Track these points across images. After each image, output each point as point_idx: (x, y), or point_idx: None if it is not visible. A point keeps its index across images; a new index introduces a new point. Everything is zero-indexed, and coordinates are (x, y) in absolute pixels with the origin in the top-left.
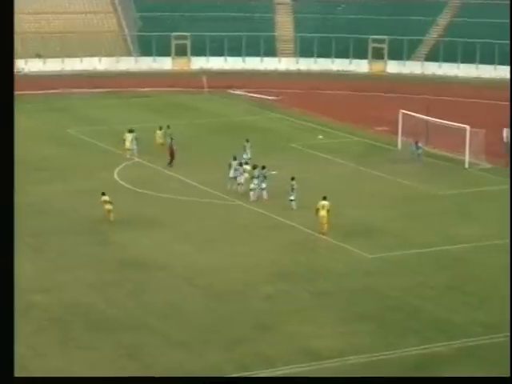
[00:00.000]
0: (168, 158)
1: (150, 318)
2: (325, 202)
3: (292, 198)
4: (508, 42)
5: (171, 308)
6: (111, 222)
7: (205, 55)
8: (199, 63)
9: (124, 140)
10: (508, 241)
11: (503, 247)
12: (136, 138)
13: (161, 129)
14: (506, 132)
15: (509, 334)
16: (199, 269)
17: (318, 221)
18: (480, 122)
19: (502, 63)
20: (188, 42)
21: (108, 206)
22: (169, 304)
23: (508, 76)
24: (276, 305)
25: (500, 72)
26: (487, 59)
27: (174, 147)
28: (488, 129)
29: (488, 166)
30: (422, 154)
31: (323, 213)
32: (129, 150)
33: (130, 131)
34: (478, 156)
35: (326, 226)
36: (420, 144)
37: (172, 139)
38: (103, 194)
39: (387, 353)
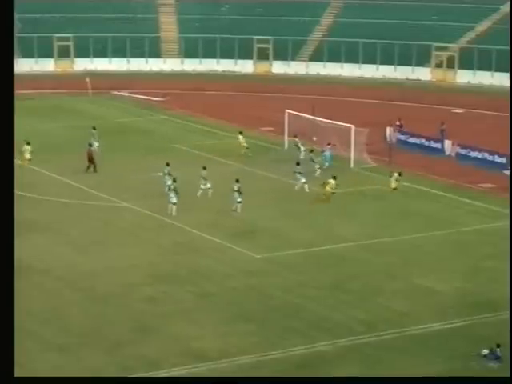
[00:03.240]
0: (87, 163)
1: (30, 323)
2: (332, 181)
3: (174, 200)
4: (389, 41)
5: (52, 312)
6: None
7: (88, 57)
8: (83, 65)
9: (22, 152)
10: (389, 239)
11: (386, 246)
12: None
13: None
14: (388, 131)
15: (383, 332)
16: (81, 272)
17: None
18: (364, 121)
19: (383, 63)
20: (71, 44)
21: None
22: (49, 308)
23: (389, 75)
24: (158, 307)
25: (382, 71)
26: (370, 59)
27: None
28: (371, 128)
29: (372, 164)
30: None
31: (328, 188)
32: (29, 160)
33: (28, 143)
34: (362, 155)
35: (324, 197)
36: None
37: (90, 145)
38: None
39: (273, 353)
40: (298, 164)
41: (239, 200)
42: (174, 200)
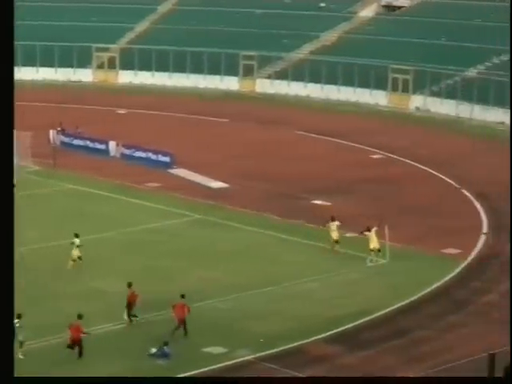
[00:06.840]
0: None
1: None
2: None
3: None
4: (49, 44)
5: None
6: None
7: None
8: None
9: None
10: (60, 242)
11: (58, 249)
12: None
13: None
14: (52, 133)
15: (53, 337)
16: None
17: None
18: (27, 124)
19: (43, 65)
20: None
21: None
22: None
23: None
24: None
25: (43, 74)
26: (44, 61)
27: None
28: (35, 131)
29: (35, 168)
30: None
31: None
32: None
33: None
34: (25, 158)
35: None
36: None
37: None
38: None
39: None
40: None
41: None
42: None
